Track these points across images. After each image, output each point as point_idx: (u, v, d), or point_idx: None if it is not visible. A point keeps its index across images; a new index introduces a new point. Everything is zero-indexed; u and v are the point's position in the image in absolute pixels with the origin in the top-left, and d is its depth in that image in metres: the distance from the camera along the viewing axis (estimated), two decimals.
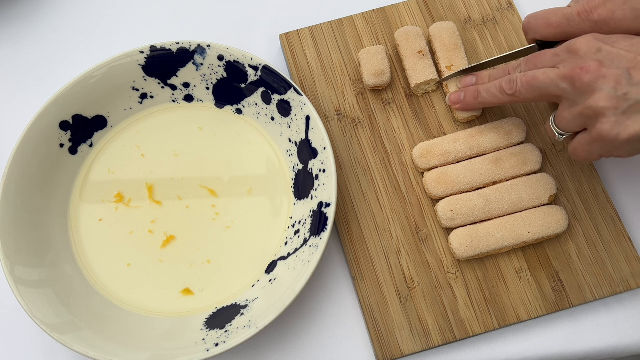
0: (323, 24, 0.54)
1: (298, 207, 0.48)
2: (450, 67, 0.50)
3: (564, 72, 0.39)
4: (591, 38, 0.39)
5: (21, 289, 0.41)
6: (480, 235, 0.45)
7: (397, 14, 0.55)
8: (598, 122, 0.38)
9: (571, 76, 0.38)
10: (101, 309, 0.44)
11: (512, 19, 0.54)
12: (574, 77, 0.38)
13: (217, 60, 0.49)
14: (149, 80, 0.50)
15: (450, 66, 0.50)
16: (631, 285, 0.46)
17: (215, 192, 0.49)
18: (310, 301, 0.47)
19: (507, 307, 0.45)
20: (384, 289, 0.46)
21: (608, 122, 0.37)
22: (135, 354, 0.41)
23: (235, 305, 0.45)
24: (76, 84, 0.47)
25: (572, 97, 0.39)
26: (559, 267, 0.46)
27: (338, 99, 0.52)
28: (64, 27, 0.57)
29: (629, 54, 0.37)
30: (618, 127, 0.37)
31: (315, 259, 0.42)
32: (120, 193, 0.49)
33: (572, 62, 0.39)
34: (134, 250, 0.47)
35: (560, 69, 0.39)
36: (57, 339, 0.40)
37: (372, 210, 0.48)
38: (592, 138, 0.39)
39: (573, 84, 0.38)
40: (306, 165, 0.48)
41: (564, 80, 0.39)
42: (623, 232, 0.47)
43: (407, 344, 0.44)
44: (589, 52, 0.38)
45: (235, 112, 0.51)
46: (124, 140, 0.50)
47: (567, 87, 0.39)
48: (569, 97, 0.40)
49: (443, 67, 0.51)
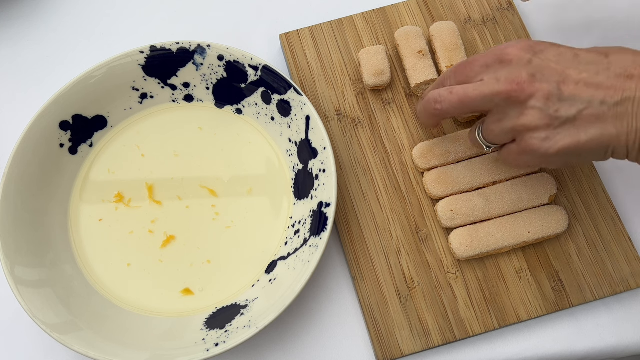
0: (323, 24, 0.54)
1: (298, 207, 0.48)
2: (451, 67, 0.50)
3: (497, 89, 0.38)
4: (521, 48, 0.38)
5: (21, 289, 0.41)
6: (480, 235, 0.45)
7: (397, 14, 0.55)
8: (528, 136, 0.38)
9: (506, 92, 0.37)
10: (101, 308, 0.44)
11: (512, 19, 0.54)
12: (509, 94, 0.37)
13: (217, 60, 0.49)
14: (149, 80, 0.50)
15: (450, 66, 0.50)
16: (631, 285, 0.46)
17: (215, 192, 0.49)
18: (310, 301, 0.47)
19: (507, 307, 0.45)
20: (384, 289, 0.46)
21: (538, 138, 0.37)
22: (135, 354, 0.41)
23: (235, 305, 0.45)
24: (76, 84, 0.47)
25: (503, 111, 0.39)
26: (559, 267, 0.46)
27: (338, 99, 0.52)
28: (64, 27, 0.57)
29: (558, 67, 0.37)
30: (548, 142, 0.37)
31: (315, 259, 0.42)
32: (120, 193, 0.49)
33: (505, 75, 0.38)
34: (134, 250, 0.47)
35: (494, 86, 0.38)
36: (57, 339, 0.40)
37: (372, 210, 0.48)
38: (522, 150, 0.39)
39: (507, 100, 0.38)
40: (306, 165, 0.48)
41: (497, 96, 0.38)
42: (623, 232, 0.47)
43: (407, 344, 0.44)
44: (521, 63, 0.38)
45: (235, 112, 0.51)
46: (124, 140, 0.50)
47: (500, 102, 0.38)
48: (499, 112, 0.39)
49: (443, 66, 0.51)
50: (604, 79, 0.35)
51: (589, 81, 0.35)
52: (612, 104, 0.35)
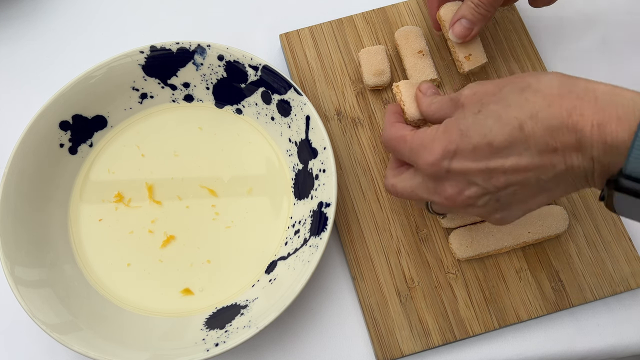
0: (323, 24, 0.54)
1: (298, 207, 0.48)
2: (469, 57, 0.49)
3: (432, 198, 0.38)
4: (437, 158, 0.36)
5: (21, 289, 0.41)
6: (480, 235, 0.45)
7: (397, 14, 0.55)
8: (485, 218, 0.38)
9: (441, 204, 0.38)
10: (101, 308, 0.44)
11: (512, 19, 0.54)
12: (446, 205, 0.38)
13: (217, 60, 0.49)
14: (149, 80, 0.50)
15: (468, 55, 0.49)
16: (631, 285, 0.46)
17: (215, 192, 0.49)
18: (310, 301, 0.47)
19: (507, 307, 0.45)
20: (384, 289, 0.46)
21: (494, 219, 0.38)
22: (135, 354, 0.41)
23: (235, 305, 0.45)
24: (76, 84, 0.47)
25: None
26: (559, 267, 0.46)
27: (338, 98, 0.52)
28: (63, 26, 0.57)
29: (479, 165, 0.35)
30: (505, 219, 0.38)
31: (315, 259, 0.42)
32: (120, 193, 0.49)
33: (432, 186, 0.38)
34: (134, 250, 0.47)
35: (428, 195, 0.38)
36: (57, 339, 0.40)
37: (372, 210, 0.48)
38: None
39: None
40: (306, 165, 0.48)
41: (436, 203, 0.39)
42: (623, 232, 0.47)
43: (407, 344, 0.44)
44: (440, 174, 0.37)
45: (235, 112, 0.51)
46: (124, 140, 0.50)
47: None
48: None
49: (461, 57, 0.49)
50: (528, 160, 0.33)
51: (517, 167, 0.33)
52: (548, 179, 0.33)
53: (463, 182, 0.36)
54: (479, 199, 0.36)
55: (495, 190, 0.35)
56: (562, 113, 0.31)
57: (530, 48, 0.53)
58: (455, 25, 0.47)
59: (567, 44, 0.56)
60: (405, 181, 0.40)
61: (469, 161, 0.35)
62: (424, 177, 0.38)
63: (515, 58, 0.53)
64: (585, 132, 0.31)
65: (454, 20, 0.47)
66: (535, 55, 0.53)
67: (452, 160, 0.35)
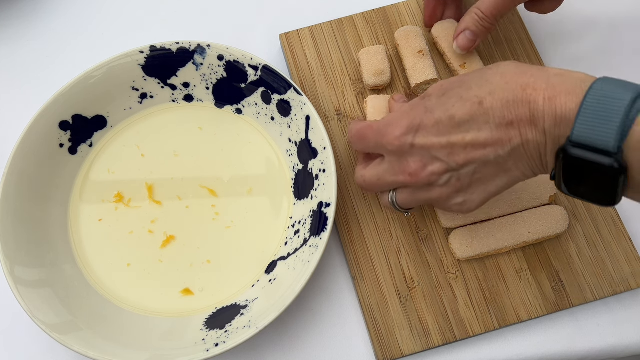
0: (323, 24, 0.54)
1: (298, 207, 0.48)
2: (464, 65, 0.50)
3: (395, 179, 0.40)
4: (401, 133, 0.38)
5: (21, 289, 0.41)
6: (480, 235, 0.45)
7: (397, 14, 0.55)
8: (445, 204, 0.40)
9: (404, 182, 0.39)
10: (101, 308, 0.44)
11: (512, 19, 0.54)
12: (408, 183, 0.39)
13: (217, 60, 0.49)
14: (149, 80, 0.50)
15: (463, 64, 0.50)
16: (631, 285, 0.46)
17: (215, 192, 0.49)
18: (310, 301, 0.47)
19: (507, 307, 0.45)
20: (384, 289, 0.46)
21: (455, 204, 0.39)
22: (135, 354, 0.41)
23: (235, 305, 0.45)
24: (76, 84, 0.47)
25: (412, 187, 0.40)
26: (559, 267, 0.46)
27: (338, 98, 0.52)
28: (63, 27, 0.57)
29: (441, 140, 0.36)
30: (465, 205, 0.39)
31: (315, 259, 0.42)
32: (120, 193, 0.49)
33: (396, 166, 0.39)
34: (134, 250, 0.47)
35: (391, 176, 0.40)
36: (57, 339, 0.40)
37: (372, 210, 0.48)
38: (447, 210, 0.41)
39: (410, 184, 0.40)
40: (306, 165, 0.48)
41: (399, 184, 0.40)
42: (623, 232, 0.47)
43: (407, 344, 0.44)
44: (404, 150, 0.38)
45: (235, 112, 0.51)
46: (124, 140, 0.50)
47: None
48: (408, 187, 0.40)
49: (456, 66, 0.50)
50: (487, 135, 0.35)
51: (476, 142, 0.35)
52: (506, 155, 0.35)
53: (426, 157, 0.37)
54: (441, 176, 0.37)
55: (457, 167, 0.36)
56: (518, 88, 0.34)
57: (530, 48, 0.53)
58: (460, 37, 0.49)
59: (567, 44, 0.56)
60: (372, 169, 0.41)
61: (431, 135, 0.37)
62: (390, 158, 0.40)
63: (515, 58, 0.53)
64: (537, 105, 0.33)
65: (458, 32, 0.49)
66: (535, 55, 0.53)
67: (416, 134, 0.37)
